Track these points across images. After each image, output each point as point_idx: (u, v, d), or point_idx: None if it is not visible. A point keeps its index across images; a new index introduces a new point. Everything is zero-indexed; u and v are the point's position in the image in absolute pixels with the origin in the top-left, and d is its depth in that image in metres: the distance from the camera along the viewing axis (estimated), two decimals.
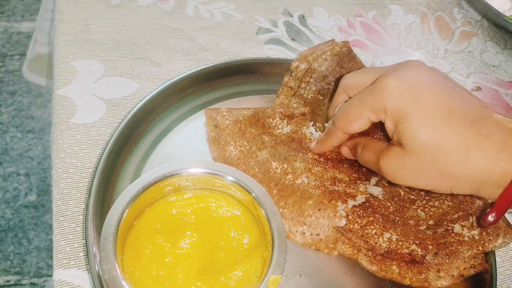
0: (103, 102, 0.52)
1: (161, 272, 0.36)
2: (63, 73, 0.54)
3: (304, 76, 0.53)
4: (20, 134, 1.36)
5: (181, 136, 0.49)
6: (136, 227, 0.38)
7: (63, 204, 0.43)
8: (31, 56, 0.82)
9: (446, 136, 0.35)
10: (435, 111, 0.36)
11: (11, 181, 1.26)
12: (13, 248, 1.15)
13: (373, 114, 0.39)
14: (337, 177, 0.44)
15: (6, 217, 1.19)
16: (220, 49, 0.61)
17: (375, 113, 0.39)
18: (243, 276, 0.36)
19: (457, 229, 0.42)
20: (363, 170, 0.46)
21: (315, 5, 0.71)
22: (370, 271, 0.42)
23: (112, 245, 0.34)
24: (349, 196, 0.43)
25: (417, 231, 0.43)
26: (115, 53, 0.57)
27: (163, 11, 0.64)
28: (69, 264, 0.39)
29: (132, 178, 0.45)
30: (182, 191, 0.41)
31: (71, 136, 0.48)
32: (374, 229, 0.43)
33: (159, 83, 0.54)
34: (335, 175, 0.44)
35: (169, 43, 0.60)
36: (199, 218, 0.39)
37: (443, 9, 0.76)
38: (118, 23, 0.61)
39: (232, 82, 0.56)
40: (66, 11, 0.61)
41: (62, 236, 0.41)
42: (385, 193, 0.46)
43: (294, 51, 0.63)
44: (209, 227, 0.39)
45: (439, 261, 0.41)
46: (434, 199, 0.45)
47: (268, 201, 0.39)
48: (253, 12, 0.67)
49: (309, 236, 0.42)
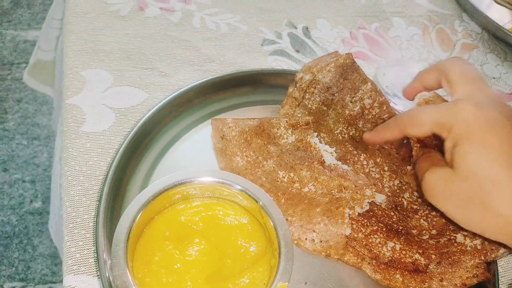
0: (112, 111, 0.53)
1: (170, 279, 0.36)
2: (72, 82, 0.55)
3: (308, 87, 0.55)
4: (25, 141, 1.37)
5: (189, 145, 0.50)
6: (145, 234, 0.39)
7: (73, 211, 0.44)
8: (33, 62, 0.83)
9: (502, 173, 0.35)
10: (499, 151, 0.36)
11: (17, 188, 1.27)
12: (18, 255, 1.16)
13: (438, 128, 0.40)
14: (343, 184, 0.45)
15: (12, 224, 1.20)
16: (225, 60, 0.62)
17: (440, 128, 0.40)
18: (250, 283, 0.37)
19: (459, 238, 0.43)
20: (368, 177, 0.47)
21: (318, 17, 0.73)
22: (374, 279, 0.43)
23: (123, 251, 0.35)
24: (356, 202, 0.44)
25: (420, 240, 0.44)
26: (124, 63, 0.58)
27: (170, 22, 0.66)
28: (79, 270, 0.40)
29: (141, 186, 0.46)
30: (190, 199, 0.42)
31: (81, 145, 0.49)
32: (378, 238, 0.43)
33: (166, 93, 0.55)
34: (341, 183, 0.45)
35: (176, 53, 0.61)
36: (207, 226, 0.40)
37: (444, 22, 0.78)
38: (127, 33, 0.62)
39: (238, 92, 0.57)
40: (75, 22, 0.62)
41: (72, 242, 0.42)
42: (388, 202, 0.47)
43: (298, 62, 0.65)
44: (216, 235, 0.40)
45: (442, 270, 0.42)
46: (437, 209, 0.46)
47: (275, 209, 0.40)
48: (258, 24, 0.69)
49: (318, 243, 0.43)
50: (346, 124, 0.53)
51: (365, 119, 0.53)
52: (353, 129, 0.52)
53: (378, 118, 0.52)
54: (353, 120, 0.53)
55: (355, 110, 0.53)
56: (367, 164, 0.50)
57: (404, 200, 0.47)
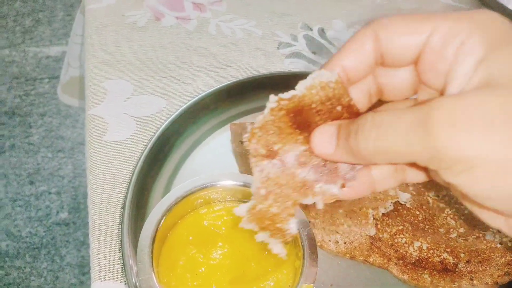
0: (133, 120, 0.54)
1: (195, 283, 0.36)
2: (94, 93, 0.56)
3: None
4: (50, 154, 1.41)
5: (209, 150, 0.51)
6: (169, 239, 0.39)
7: (99, 218, 0.45)
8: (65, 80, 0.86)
9: None
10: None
11: (43, 200, 1.30)
12: (46, 265, 1.19)
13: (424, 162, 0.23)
14: None
15: (39, 235, 1.23)
16: (242, 65, 0.63)
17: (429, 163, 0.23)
18: (275, 286, 0.37)
19: (488, 236, 0.42)
20: None
21: (334, 17, 0.72)
22: (402, 280, 0.42)
23: (148, 256, 0.35)
24: (380, 202, 0.43)
25: (448, 239, 0.43)
26: (143, 72, 0.59)
27: (186, 30, 0.67)
28: (106, 277, 0.41)
29: (164, 191, 0.46)
30: (212, 203, 0.42)
31: (104, 154, 0.50)
32: (404, 237, 0.43)
33: (185, 100, 0.56)
34: None
35: (193, 61, 0.62)
36: (229, 229, 0.40)
37: None
38: (145, 44, 0.63)
39: (256, 96, 0.57)
40: (95, 35, 0.64)
41: (99, 249, 0.42)
42: (413, 201, 0.46)
43: (316, 64, 0.64)
44: (239, 238, 0.40)
45: (472, 269, 0.41)
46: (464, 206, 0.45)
47: (298, 211, 0.39)
48: (273, 28, 0.69)
49: (342, 244, 0.42)
50: None
51: None
52: None
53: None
54: None
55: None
56: None
57: (430, 198, 0.46)
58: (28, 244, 1.22)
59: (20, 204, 1.29)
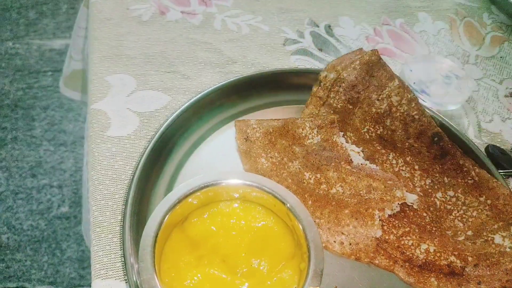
0: (136, 115, 0.53)
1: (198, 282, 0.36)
2: (97, 88, 0.55)
3: (333, 85, 0.53)
4: (52, 147, 1.40)
5: (213, 147, 0.50)
6: (172, 237, 0.39)
7: (100, 215, 0.44)
8: (68, 73, 0.85)
9: None
10: None
11: (45, 193, 1.30)
12: (47, 259, 1.18)
13: None
14: (372, 185, 0.44)
15: (40, 228, 1.23)
16: (248, 61, 0.62)
17: None
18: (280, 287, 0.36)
19: (497, 239, 0.41)
20: (398, 177, 0.46)
21: (341, 14, 0.71)
22: (408, 283, 0.41)
23: (150, 255, 0.35)
24: (386, 203, 0.43)
25: (456, 242, 0.42)
26: (147, 67, 0.59)
27: (191, 25, 0.66)
28: (107, 275, 0.40)
29: (167, 189, 0.45)
30: (216, 201, 0.41)
31: (106, 149, 0.49)
32: (411, 240, 0.42)
33: (189, 95, 0.55)
34: (370, 183, 0.44)
35: (198, 56, 0.61)
36: (233, 228, 0.39)
37: (472, 15, 0.75)
38: (149, 38, 0.63)
39: (261, 93, 0.56)
40: (99, 28, 0.63)
41: (100, 246, 0.42)
42: (420, 203, 0.45)
43: (322, 61, 0.63)
44: (243, 237, 0.39)
45: (480, 273, 0.40)
46: (472, 208, 0.44)
47: (303, 211, 0.39)
48: (279, 24, 0.68)
49: (347, 245, 0.42)
50: (373, 122, 0.51)
51: (393, 116, 0.51)
52: (381, 127, 0.51)
53: (406, 115, 0.51)
54: (380, 118, 0.51)
55: (382, 108, 0.51)
56: (397, 163, 0.48)
57: (437, 200, 0.45)
58: (29, 237, 1.21)
59: (22, 197, 1.29)
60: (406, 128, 0.50)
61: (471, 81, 0.64)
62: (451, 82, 0.59)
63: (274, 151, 0.48)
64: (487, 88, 0.64)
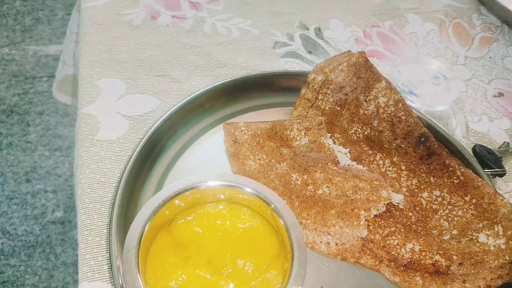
0: (125, 119, 0.53)
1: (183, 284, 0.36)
2: (87, 92, 0.56)
3: (321, 87, 0.54)
4: (47, 152, 1.40)
5: (201, 150, 0.50)
6: (158, 239, 0.39)
7: (88, 218, 0.44)
8: (60, 78, 0.85)
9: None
10: None
11: (39, 198, 1.30)
12: (41, 263, 1.18)
13: None
14: (359, 185, 0.44)
15: (35, 233, 1.23)
16: (237, 64, 0.62)
17: None
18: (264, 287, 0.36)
19: (482, 238, 0.41)
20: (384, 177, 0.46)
21: (331, 17, 0.72)
22: (393, 282, 0.41)
23: (134, 257, 0.35)
24: (372, 204, 0.43)
25: (441, 241, 0.42)
26: (137, 71, 0.59)
27: (182, 29, 0.66)
28: (93, 277, 0.40)
29: (154, 191, 0.46)
30: (202, 203, 0.41)
31: (95, 153, 0.50)
32: (396, 239, 0.42)
33: (179, 99, 0.56)
34: (356, 184, 0.44)
35: (188, 60, 0.62)
36: (219, 229, 0.40)
37: (461, 16, 0.75)
38: (140, 42, 0.63)
39: (250, 96, 0.57)
40: (90, 33, 0.64)
41: (87, 249, 0.42)
42: (406, 202, 0.45)
43: (311, 64, 0.64)
44: (229, 239, 0.39)
45: (465, 271, 0.40)
46: (458, 208, 0.44)
47: (288, 212, 0.39)
48: (269, 27, 0.69)
49: (334, 246, 0.42)
50: (360, 123, 0.52)
51: (380, 117, 0.51)
52: (368, 128, 0.51)
53: (393, 116, 0.51)
54: (368, 119, 0.52)
55: (369, 109, 0.52)
56: (383, 163, 0.49)
57: (423, 199, 0.46)
58: (24, 242, 1.21)
59: (16, 202, 1.29)
60: (393, 129, 0.51)
61: (460, 81, 0.65)
62: (440, 83, 0.60)
63: (262, 153, 0.49)
64: (475, 89, 0.64)
